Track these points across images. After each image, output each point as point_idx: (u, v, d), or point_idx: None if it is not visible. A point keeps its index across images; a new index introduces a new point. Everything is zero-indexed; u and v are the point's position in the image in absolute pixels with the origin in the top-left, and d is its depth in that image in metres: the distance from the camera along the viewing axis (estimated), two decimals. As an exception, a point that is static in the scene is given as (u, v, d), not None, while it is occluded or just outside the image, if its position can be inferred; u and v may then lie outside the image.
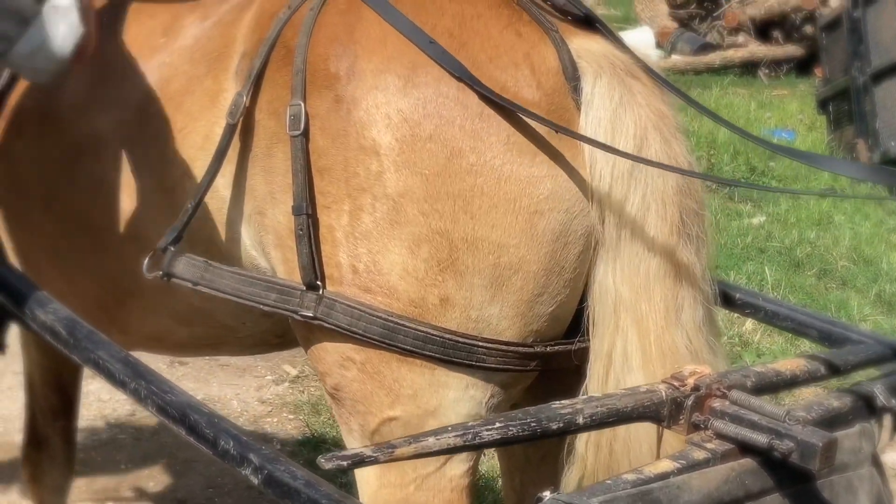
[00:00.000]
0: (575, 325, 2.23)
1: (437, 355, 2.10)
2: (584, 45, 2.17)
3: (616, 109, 2.12)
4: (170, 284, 2.36)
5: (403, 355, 2.10)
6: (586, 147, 2.10)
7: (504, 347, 2.13)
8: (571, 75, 2.13)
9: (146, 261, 2.37)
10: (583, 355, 2.21)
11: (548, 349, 2.20)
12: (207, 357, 4.91)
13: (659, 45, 13.55)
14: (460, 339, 2.09)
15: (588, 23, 2.28)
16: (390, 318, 2.09)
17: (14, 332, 2.99)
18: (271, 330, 2.58)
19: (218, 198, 2.34)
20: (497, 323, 2.12)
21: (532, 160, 2.07)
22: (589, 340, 2.19)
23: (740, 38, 13.69)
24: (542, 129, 2.07)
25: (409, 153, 2.06)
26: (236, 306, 2.34)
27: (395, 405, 2.15)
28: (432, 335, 2.08)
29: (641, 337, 2.15)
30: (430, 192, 2.06)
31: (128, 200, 2.52)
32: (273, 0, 2.37)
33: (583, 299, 2.20)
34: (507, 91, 2.07)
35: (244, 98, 2.25)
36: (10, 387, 4.82)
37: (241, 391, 5.07)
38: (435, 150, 2.05)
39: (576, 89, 2.12)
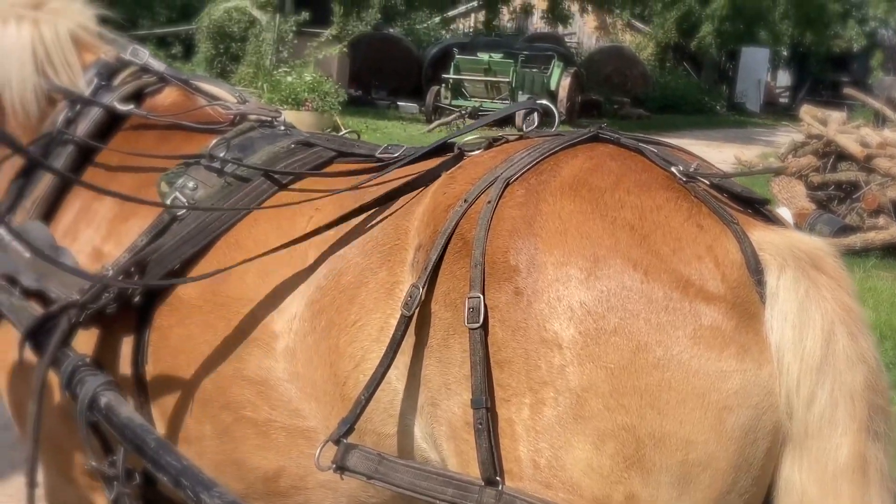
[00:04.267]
0: None
1: None
2: (765, 237, 2.14)
3: (802, 303, 2.08)
4: (342, 478, 2.33)
5: None
6: (773, 340, 2.06)
7: None
8: (755, 268, 2.09)
9: (318, 454, 2.35)
10: None
11: None
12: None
13: (797, 227, 13.35)
14: None
15: (765, 213, 2.27)
16: None
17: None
18: None
19: (390, 389, 2.33)
20: None
21: (720, 354, 2.03)
22: None
23: (881, 220, 13.50)
24: (730, 322, 2.04)
25: (593, 346, 2.03)
26: (403, 501, 2.31)
27: None
28: None
29: None
30: (616, 387, 2.02)
31: (297, 393, 2.52)
32: (447, 193, 2.40)
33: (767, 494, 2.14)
34: (692, 285, 2.05)
35: (420, 290, 2.26)
36: None
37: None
38: (620, 344, 2.02)
39: (760, 282, 2.09)
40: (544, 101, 2.86)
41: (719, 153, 20.10)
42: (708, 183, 2.24)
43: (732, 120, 38.28)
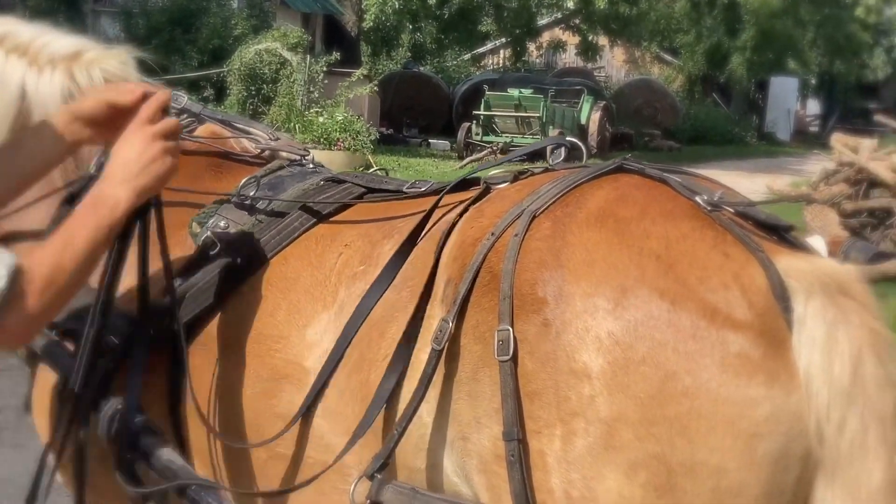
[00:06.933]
0: None
1: None
2: (791, 264, 2.13)
3: (830, 328, 2.06)
4: None
5: None
6: (801, 366, 2.05)
7: None
8: (781, 295, 2.09)
9: (352, 489, 2.36)
10: None
11: None
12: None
13: (831, 254, 13.33)
14: None
15: (790, 240, 2.27)
16: None
17: None
18: None
19: (421, 423, 2.34)
20: None
21: (749, 381, 2.02)
22: None
23: (916, 245, 13.42)
24: (758, 350, 2.04)
25: (622, 376, 2.03)
26: None
27: None
28: None
29: None
30: (646, 416, 2.02)
31: (329, 428, 2.54)
32: (475, 227, 2.41)
33: None
34: (719, 313, 2.05)
35: (450, 324, 2.27)
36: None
37: None
38: (648, 373, 2.02)
39: (786, 309, 2.08)
40: (572, 138, 2.89)
41: (751, 183, 19.99)
42: (733, 211, 2.25)
43: (763, 149, 38.12)
